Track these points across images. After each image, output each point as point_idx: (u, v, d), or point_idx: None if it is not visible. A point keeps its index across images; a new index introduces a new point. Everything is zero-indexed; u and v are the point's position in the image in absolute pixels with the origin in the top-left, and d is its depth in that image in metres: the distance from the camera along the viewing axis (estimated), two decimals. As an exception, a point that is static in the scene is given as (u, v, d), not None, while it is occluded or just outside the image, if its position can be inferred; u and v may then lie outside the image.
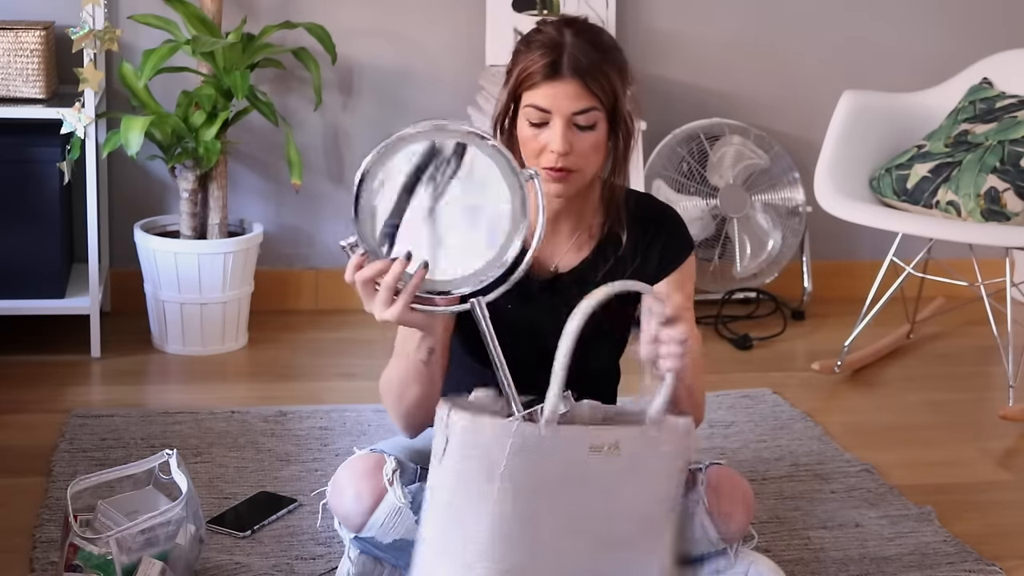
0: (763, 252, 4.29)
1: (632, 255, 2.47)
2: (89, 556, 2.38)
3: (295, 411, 3.39)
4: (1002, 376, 3.72)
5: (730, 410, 3.51)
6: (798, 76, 4.41)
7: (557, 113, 2.32)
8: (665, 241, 2.47)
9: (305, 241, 4.22)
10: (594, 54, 2.32)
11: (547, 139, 2.33)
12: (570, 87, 2.31)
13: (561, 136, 2.32)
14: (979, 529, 2.91)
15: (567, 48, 2.32)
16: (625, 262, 2.47)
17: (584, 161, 2.35)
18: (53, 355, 3.76)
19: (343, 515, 2.37)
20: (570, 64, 2.31)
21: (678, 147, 4.28)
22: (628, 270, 2.46)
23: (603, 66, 2.33)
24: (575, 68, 2.31)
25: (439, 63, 4.21)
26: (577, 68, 2.31)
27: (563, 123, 2.32)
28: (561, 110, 2.32)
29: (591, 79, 2.31)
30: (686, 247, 2.49)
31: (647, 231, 2.47)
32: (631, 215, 2.47)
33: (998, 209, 3.61)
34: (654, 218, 2.49)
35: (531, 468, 2.11)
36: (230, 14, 3.94)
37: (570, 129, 2.33)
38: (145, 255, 3.84)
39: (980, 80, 3.93)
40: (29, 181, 3.69)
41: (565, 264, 2.48)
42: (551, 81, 2.31)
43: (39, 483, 2.97)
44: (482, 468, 2.09)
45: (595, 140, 2.35)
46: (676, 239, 2.49)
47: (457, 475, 2.11)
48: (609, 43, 2.37)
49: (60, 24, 3.86)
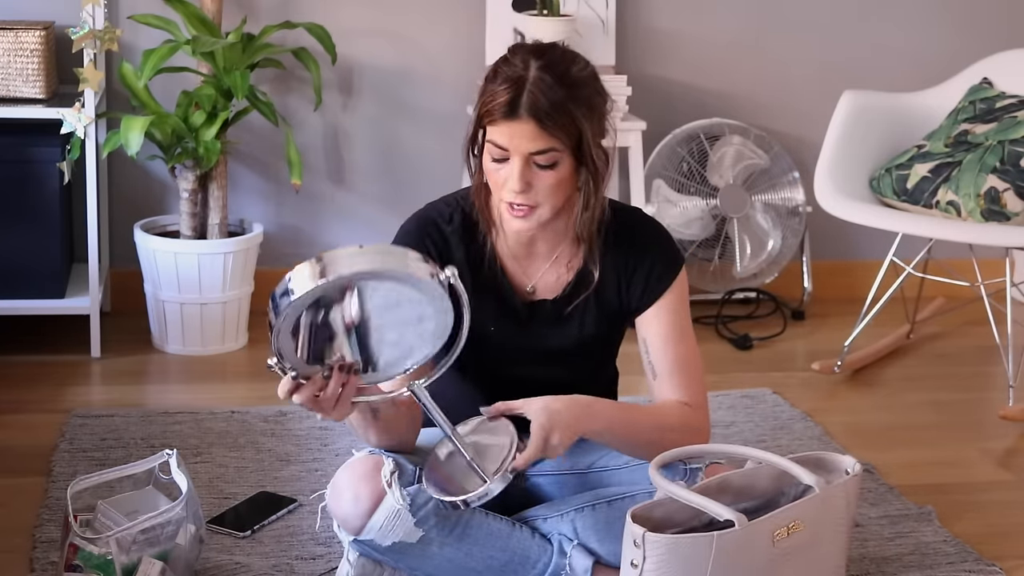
0: (763, 252, 4.28)
1: (616, 282, 2.45)
2: (89, 556, 2.38)
3: (295, 411, 3.39)
4: (1002, 376, 3.72)
5: (730, 410, 3.51)
6: (798, 76, 4.41)
7: (515, 152, 2.28)
8: (651, 265, 2.44)
9: (305, 241, 4.22)
10: (556, 92, 2.26)
11: (506, 175, 2.30)
12: (527, 127, 2.26)
13: (518, 176, 2.28)
14: (979, 529, 2.91)
15: (528, 86, 2.26)
16: (607, 288, 2.45)
17: (545, 198, 2.32)
18: (53, 355, 3.76)
19: (342, 517, 2.36)
20: (528, 104, 2.25)
21: (678, 147, 4.28)
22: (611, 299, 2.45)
23: (566, 104, 2.26)
24: (533, 109, 2.25)
25: (439, 63, 4.21)
26: (535, 109, 2.25)
27: (521, 162, 2.28)
28: (519, 150, 2.28)
29: (549, 120, 2.25)
30: (672, 268, 2.46)
31: (630, 255, 2.45)
32: (614, 237, 2.44)
33: (998, 209, 3.61)
34: (638, 240, 2.46)
35: (733, 568, 2.17)
36: (230, 14, 3.94)
37: (529, 168, 2.29)
38: (145, 255, 3.84)
39: (980, 80, 3.93)
40: (29, 181, 3.69)
41: (544, 287, 2.46)
42: (508, 120, 2.27)
43: (39, 483, 2.97)
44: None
45: (556, 178, 2.31)
46: (662, 261, 2.45)
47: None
48: (577, 77, 2.30)
49: (60, 24, 3.86)
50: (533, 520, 2.45)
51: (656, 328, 2.45)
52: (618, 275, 2.45)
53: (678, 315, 2.45)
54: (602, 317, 2.46)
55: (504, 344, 2.43)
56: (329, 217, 4.22)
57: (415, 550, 2.35)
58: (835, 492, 2.30)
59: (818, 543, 2.29)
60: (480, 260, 2.45)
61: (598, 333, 2.47)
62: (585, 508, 2.42)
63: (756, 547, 2.20)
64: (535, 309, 2.46)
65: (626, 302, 2.46)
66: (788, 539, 2.23)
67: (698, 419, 2.43)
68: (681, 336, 2.45)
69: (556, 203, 2.34)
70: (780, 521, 2.22)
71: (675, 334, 2.44)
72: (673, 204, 4.23)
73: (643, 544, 2.15)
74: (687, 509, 2.24)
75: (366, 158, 4.20)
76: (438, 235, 2.44)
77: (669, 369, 2.44)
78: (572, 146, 2.30)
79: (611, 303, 2.46)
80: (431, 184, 2.48)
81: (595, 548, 2.39)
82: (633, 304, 2.45)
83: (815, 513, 2.27)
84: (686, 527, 2.24)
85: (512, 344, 2.44)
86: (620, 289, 2.45)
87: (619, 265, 2.44)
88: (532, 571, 2.40)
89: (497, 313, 2.44)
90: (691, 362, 2.45)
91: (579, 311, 2.46)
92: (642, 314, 2.45)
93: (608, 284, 2.45)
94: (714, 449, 2.43)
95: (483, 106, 2.30)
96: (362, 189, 4.20)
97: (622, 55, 4.25)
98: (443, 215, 2.46)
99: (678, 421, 2.41)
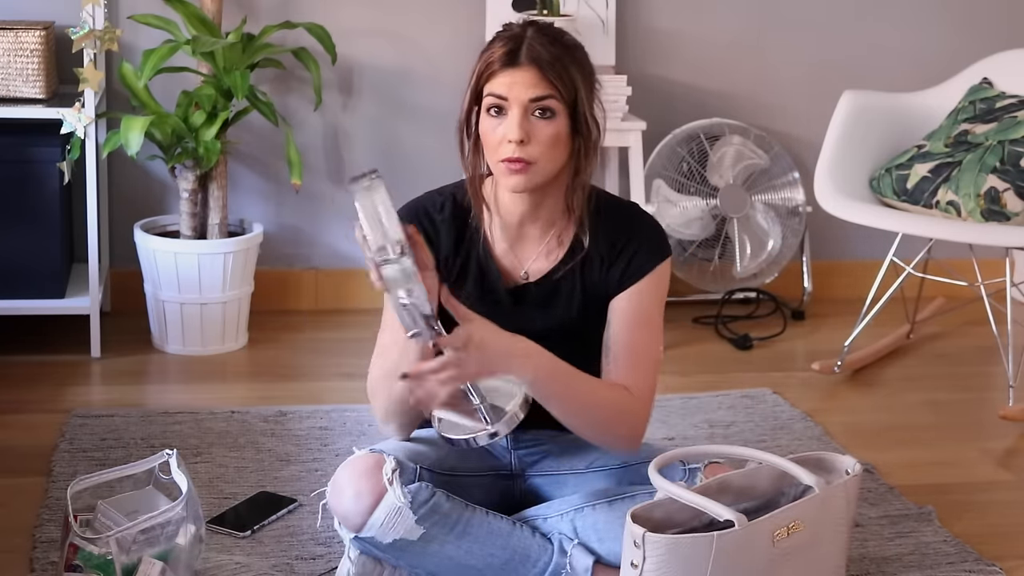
0: (763, 252, 4.28)
1: (601, 262, 2.46)
2: (89, 556, 2.38)
3: (295, 411, 3.39)
4: (1002, 376, 3.72)
5: (730, 410, 3.51)
6: (798, 76, 4.41)
7: (514, 101, 2.34)
8: (636, 249, 2.45)
9: (305, 241, 4.22)
10: (554, 48, 2.35)
11: (505, 130, 2.34)
12: (527, 74, 2.34)
13: (518, 124, 2.33)
14: (979, 529, 2.91)
15: (527, 40, 2.35)
16: (593, 269, 2.46)
17: (542, 152, 2.35)
18: (53, 355, 3.76)
19: (343, 515, 2.37)
20: (528, 53, 2.34)
21: (678, 147, 4.28)
22: (596, 277, 2.46)
23: (563, 59, 2.35)
24: (532, 57, 2.34)
25: (439, 63, 4.21)
26: (534, 57, 2.34)
27: (520, 111, 2.34)
28: (519, 97, 2.34)
29: (548, 68, 2.33)
30: (655, 257, 2.46)
31: (619, 238, 2.46)
32: (604, 220, 2.46)
33: (998, 209, 3.61)
34: (626, 225, 2.47)
35: (733, 569, 2.17)
36: (230, 14, 3.94)
37: (527, 118, 2.34)
38: (145, 255, 3.84)
39: (980, 80, 3.93)
40: (29, 181, 3.69)
41: (535, 269, 2.48)
42: (509, 68, 2.35)
43: (39, 483, 2.97)
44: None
45: (554, 131, 2.35)
46: (649, 247, 2.46)
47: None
48: (571, 42, 2.40)
49: (60, 24, 3.86)
50: (533, 520, 2.45)
51: (621, 309, 2.44)
52: (603, 257, 2.45)
53: (648, 303, 2.45)
54: (587, 301, 2.46)
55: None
56: (329, 217, 4.22)
57: (416, 548, 2.36)
58: (835, 492, 2.30)
59: (818, 543, 2.29)
60: (469, 247, 2.47)
61: (583, 317, 2.47)
62: (585, 508, 2.42)
63: (756, 547, 2.20)
64: (523, 292, 2.47)
65: (607, 284, 2.45)
66: (788, 539, 2.23)
67: (634, 405, 2.40)
68: (644, 323, 2.44)
69: (552, 161, 2.37)
70: (780, 521, 2.22)
71: (638, 319, 2.44)
72: (673, 204, 4.23)
73: (643, 544, 2.15)
74: (687, 509, 2.24)
75: (366, 158, 4.20)
76: (429, 223, 2.48)
77: (619, 352, 2.43)
78: (568, 102, 2.35)
79: (596, 286, 2.46)
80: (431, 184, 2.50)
81: (595, 548, 2.40)
82: (612, 288, 2.45)
83: (815, 513, 2.27)
84: (686, 527, 2.24)
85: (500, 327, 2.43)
86: (602, 271, 2.45)
87: (605, 249, 2.45)
88: (532, 570, 2.40)
89: (484, 297, 2.45)
90: (645, 350, 2.43)
91: (566, 293, 2.46)
92: (616, 296, 2.45)
93: (594, 266, 2.45)
94: (714, 449, 2.43)
95: (482, 64, 2.38)
96: (362, 189, 4.20)
97: (622, 55, 4.25)
98: (435, 204, 2.50)
99: (610, 400, 2.39)
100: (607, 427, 2.40)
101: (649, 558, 2.15)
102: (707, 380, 3.74)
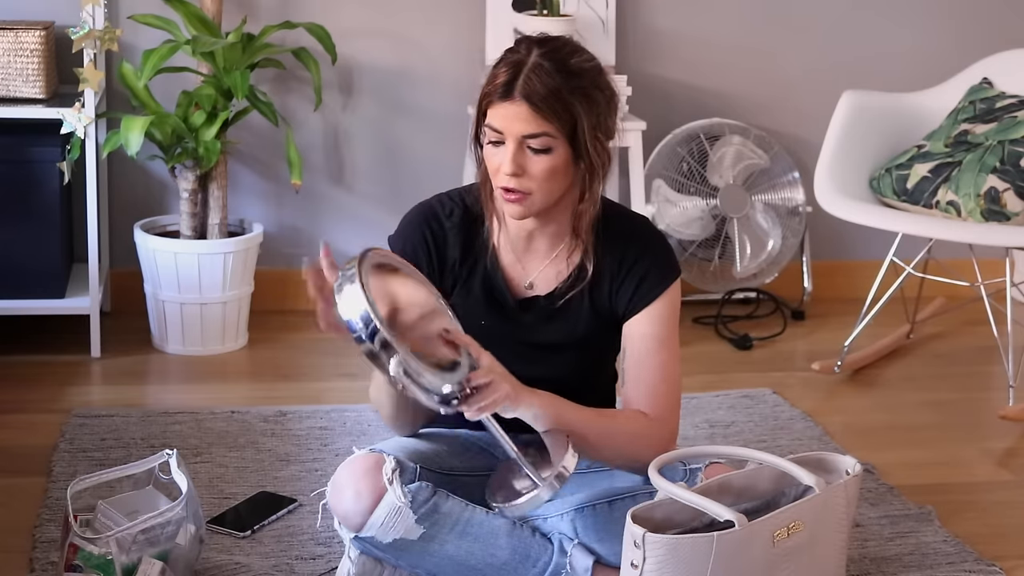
0: (763, 252, 4.28)
1: (611, 280, 2.45)
2: (89, 556, 2.38)
3: (295, 411, 3.39)
4: (1002, 376, 3.72)
5: (730, 410, 3.51)
6: (798, 76, 4.41)
7: (509, 135, 2.31)
8: (646, 270, 2.44)
9: (305, 241, 4.22)
10: (553, 78, 2.29)
11: (501, 160, 2.32)
12: (520, 109, 2.29)
13: (511, 158, 2.31)
14: (979, 529, 2.91)
15: (526, 69, 2.29)
16: (601, 287, 2.45)
17: (538, 185, 2.33)
18: (53, 355, 3.76)
19: (343, 514, 2.37)
20: (523, 87, 2.28)
21: (678, 147, 4.28)
22: (604, 295, 2.46)
23: (561, 91, 2.29)
24: (526, 92, 2.28)
25: (439, 63, 4.21)
26: (528, 92, 2.28)
27: (514, 145, 2.31)
28: (512, 132, 2.30)
29: (542, 103, 2.28)
30: (665, 279, 2.45)
31: (627, 255, 2.44)
32: (613, 236, 2.45)
33: (998, 209, 3.61)
34: (635, 243, 2.46)
35: (733, 569, 2.17)
36: (230, 14, 3.94)
37: (522, 151, 2.31)
38: (145, 255, 3.84)
39: (980, 80, 3.93)
40: (29, 181, 3.69)
41: (541, 283, 2.47)
42: (504, 102, 2.30)
43: (39, 483, 2.97)
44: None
45: (550, 165, 2.32)
46: (656, 270, 2.45)
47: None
48: (577, 67, 2.32)
49: (60, 24, 3.86)
50: (533, 519, 2.45)
51: (634, 336, 2.44)
52: (612, 277, 2.45)
53: (660, 326, 2.44)
54: (594, 317, 2.46)
55: (496, 338, 2.43)
56: (329, 217, 4.22)
57: (416, 547, 2.36)
58: (835, 492, 2.30)
59: (818, 543, 2.29)
60: (477, 255, 2.46)
61: (589, 333, 2.47)
62: (585, 508, 2.42)
63: (756, 547, 2.20)
64: (529, 304, 2.47)
65: (615, 305, 2.45)
66: (788, 539, 2.23)
67: (651, 430, 2.41)
68: (657, 348, 2.43)
69: (550, 192, 2.35)
70: (780, 521, 2.22)
71: (653, 344, 2.43)
72: (673, 204, 4.23)
73: (643, 544, 2.15)
74: (688, 510, 2.24)
75: (366, 158, 4.20)
76: (438, 227, 2.46)
77: (636, 377, 2.43)
78: (567, 134, 2.31)
79: (603, 304, 2.46)
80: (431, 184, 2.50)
81: (595, 548, 2.40)
82: (621, 309, 2.45)
83: (815, 513, 2.27)
84: (686, 528, 2.24)
85: (504, 338, 2.44)
86: (611, 291, 2.45)
87: (614, 268, 2.45)
88: (533, 570, 2.40)
89: (489, 307, 2.45)
90: (660, 374, 2.43)
91: (573, 308, 2.46)
92: (628, 320, 2.45)
93: (602, 284, 2.45)
94: (714, 450, 2.43)
95: (484, 89, 2.34)
96: (362, 189, 4.20)
97: (622, 55, 4.25)
98: (445, 208, 2.48)
99: (627, 428, 2.40)
100: (630, 455, 2.40)
101: (649, 558, 2.15)
102: (707, 380, 3.74)
